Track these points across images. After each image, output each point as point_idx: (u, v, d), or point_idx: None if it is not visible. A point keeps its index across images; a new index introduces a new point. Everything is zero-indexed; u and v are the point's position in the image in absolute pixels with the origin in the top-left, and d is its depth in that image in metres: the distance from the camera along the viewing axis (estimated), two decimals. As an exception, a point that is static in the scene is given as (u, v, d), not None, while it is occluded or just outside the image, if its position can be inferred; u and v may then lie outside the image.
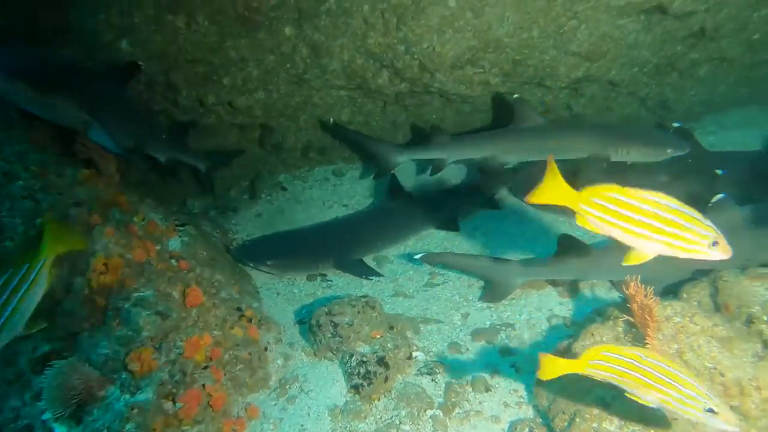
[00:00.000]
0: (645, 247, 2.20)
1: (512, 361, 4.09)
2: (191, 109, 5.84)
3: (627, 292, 3.06)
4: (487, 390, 3.84)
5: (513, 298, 4.72)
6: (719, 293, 3.54)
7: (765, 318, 3.27)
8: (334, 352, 4.00)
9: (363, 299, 4.13)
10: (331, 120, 6.02)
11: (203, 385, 3.38)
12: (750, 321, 3.31)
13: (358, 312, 4.01)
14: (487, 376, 3.96)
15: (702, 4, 5.16)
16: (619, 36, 5.42)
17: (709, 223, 2.20)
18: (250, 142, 6.39)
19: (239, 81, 5.54)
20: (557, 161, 2.33)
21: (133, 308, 3.52)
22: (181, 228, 4.49)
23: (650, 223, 2.11)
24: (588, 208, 2.12)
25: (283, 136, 6.40)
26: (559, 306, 4.63)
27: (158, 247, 4.05)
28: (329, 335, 3.95)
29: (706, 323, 2.99)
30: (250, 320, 4.06)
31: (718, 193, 4.17)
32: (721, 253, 2.22)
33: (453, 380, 3.91)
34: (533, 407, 3.64)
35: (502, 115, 5.88)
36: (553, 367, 2.32)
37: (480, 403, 3.76)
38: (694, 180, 5.17)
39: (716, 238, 2.18)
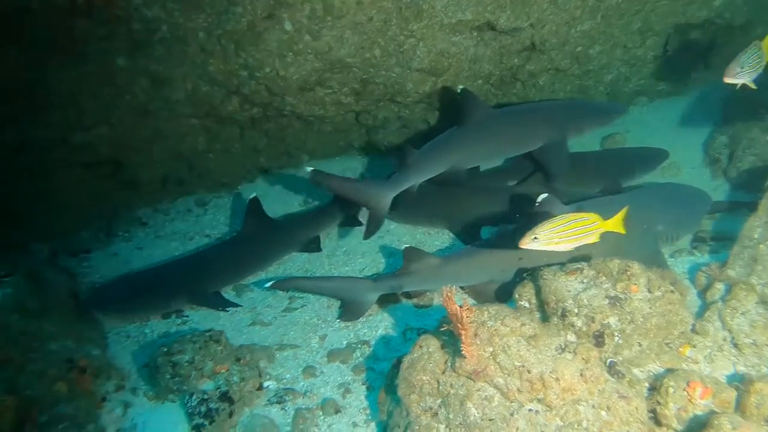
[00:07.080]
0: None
1: (365, 379, 4.11)
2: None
3: (443, 302, 3.15)
4: (337, 412, 3.84)
5: (370, 315, 4.75)
6: (542, 291, 3.75)
7: (575, 311, 3.51)
8: (176, 393, 3.84)
9: (207, 333, 4.02)
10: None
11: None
12: (564, 315, 3.54)
13: (200, 348, 3.88)
14: (338, 397, 3.96)
15: (525, 21, 5.51)
16: (456, 52, 5.67)
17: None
18: (101, 179, 6.05)
19: (72, 116, 5.23)
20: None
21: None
22: (5, 279, 4.18)
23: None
24: None
25: (137, 171, 6.13)
26: (415, 318, 4.71)
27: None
28: (168, 376, 3.80)
29: (515, 324, 3.13)
30: (84, 371, 3.83)
31: (545, 192, 4.45)
32: None
33: (303, 406, 3.87)
34: (376, 423, 3.66)
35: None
36: None
37: (329, 426, 3.74)
38: (535, 181, 5.48)
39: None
